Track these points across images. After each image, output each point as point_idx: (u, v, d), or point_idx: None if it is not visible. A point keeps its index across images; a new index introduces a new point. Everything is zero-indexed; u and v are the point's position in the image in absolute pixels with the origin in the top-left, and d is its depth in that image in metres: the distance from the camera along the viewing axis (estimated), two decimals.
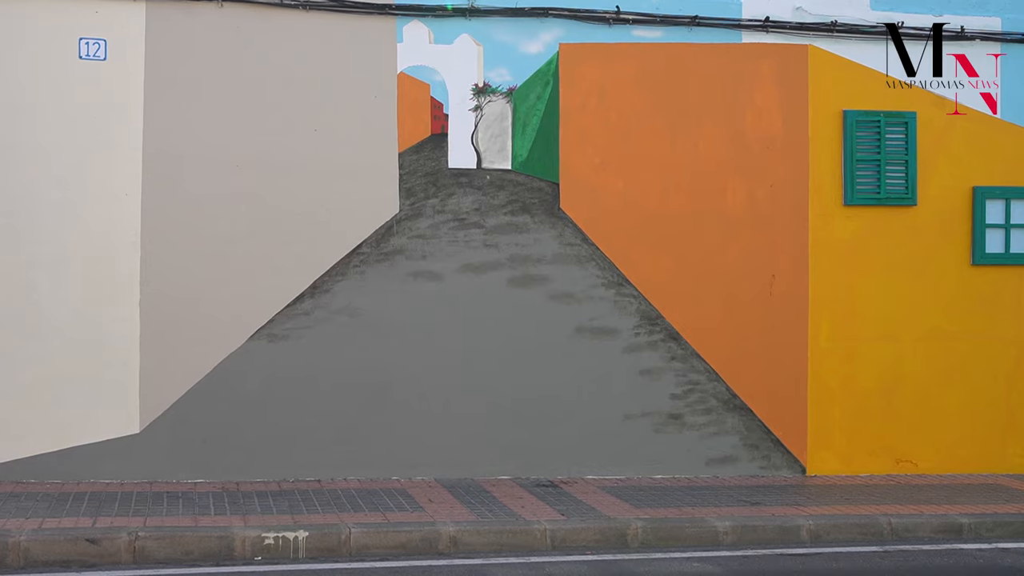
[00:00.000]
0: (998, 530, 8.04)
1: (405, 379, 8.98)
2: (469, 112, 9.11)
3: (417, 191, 9.05)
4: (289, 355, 8.81)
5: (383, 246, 8.99)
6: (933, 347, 9.83)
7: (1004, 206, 9.88)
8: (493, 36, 9.13)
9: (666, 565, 7.10)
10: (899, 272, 9.76)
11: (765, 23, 9.47)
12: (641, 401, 9.34)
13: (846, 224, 9.67)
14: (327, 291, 8.90)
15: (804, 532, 7.80)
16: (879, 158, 9.65)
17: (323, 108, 8.87)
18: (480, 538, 7.34)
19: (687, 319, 9.42)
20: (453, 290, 9.07)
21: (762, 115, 9.52)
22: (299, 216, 8.83)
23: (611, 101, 9.31)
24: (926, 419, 9.83)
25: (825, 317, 9.65)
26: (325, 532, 7.12)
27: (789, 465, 9.60)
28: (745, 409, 9.51)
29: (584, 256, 9.27)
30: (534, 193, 9.22)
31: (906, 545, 7.72)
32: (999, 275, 9.90)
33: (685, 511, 8.05)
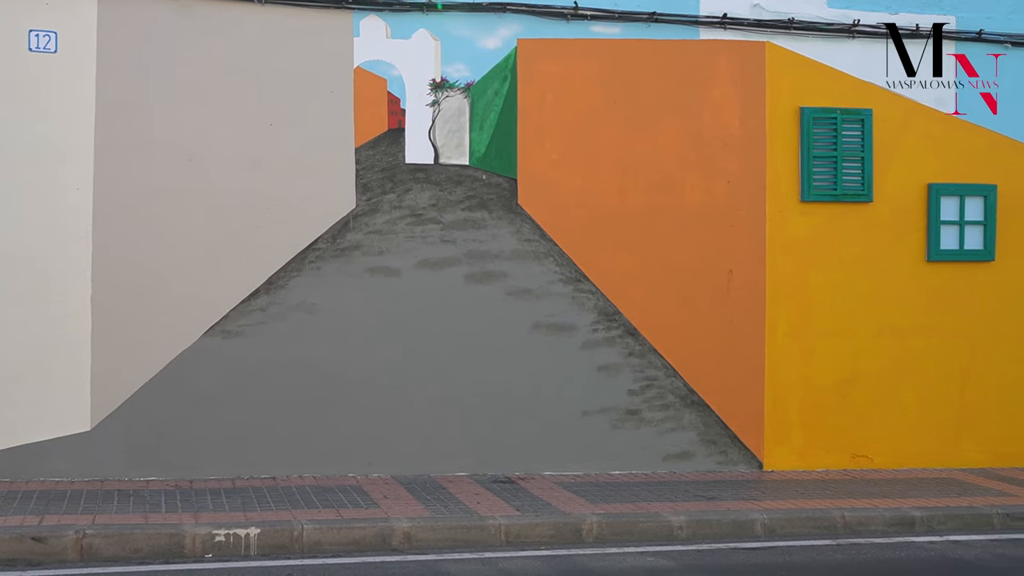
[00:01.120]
0: (949, 523, 8.11)
1: (362, 375, 8.93)
2: (426, 107, 9.08)
3: (374, 186, 9.00)
4: (244, 351, 8.73)
5: (339, 242, 8.93)
6: (889, 343, 9.90)
7: (958, 203, 9.96)
8: (451, 31, 9.09)
9: (620, 560, 7.10)
10: (855, 268, 9.82)
11: (723, 20, 9.49)
12: (599, 397, 9.34)
13: (803, 220, 9.72)
14: (282, 287, 8.83)
15: (758, 526, 7.83)
16: (835, 155, 9.71)
17: (279, 102, 8.80)
18: (434, 534, 7.31)
19: (645, 315, 9.42)
20: (410, 286, 9.02)
21: (720, 112, 9.55)
22: (254, 211, 8.76)
23: (569, 97, 9.30)
24: (882, 414, 9.90)
25: (782, 313, 9.69)
26: (277, 529, 7.06)
27: (746, 460, 9.63)
28: (702, 405, 9.54)
29: (542, 252, 9.26)
30: (492, 189, 9.20)
31: (859, 538, 7.77)
32: (953, 271, 9.98)
33: (641, 506, 8.05)
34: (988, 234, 9.99)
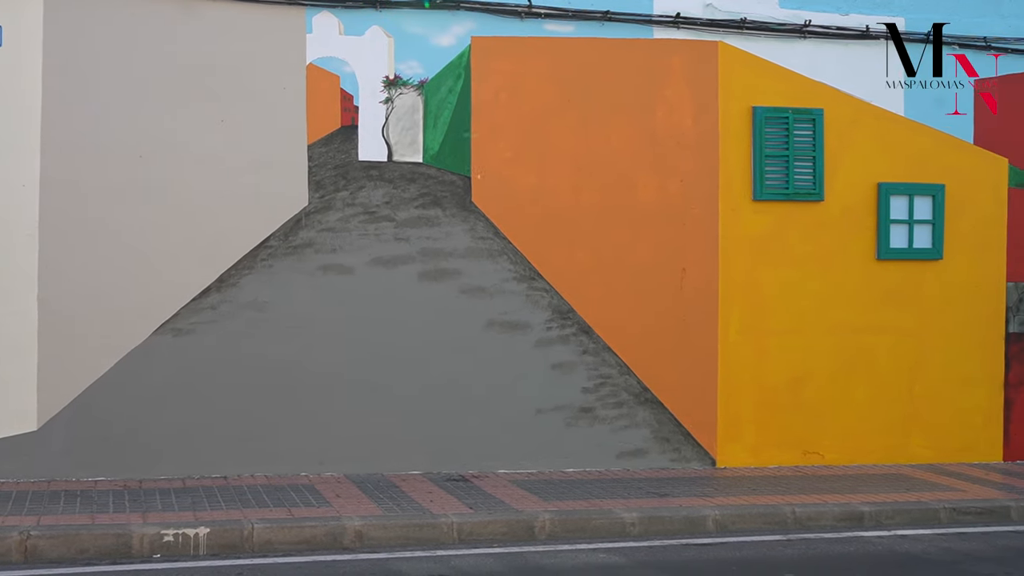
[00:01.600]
0: (897, 517, 8.21)
1: (314, 374, 8.88)
2: (380, 104, 9.04)
3: (327, 184, 8.95)
4: (194, 350, 8.65)
5: (292, 239, 8.87)
6: (840, 341, 10.00)
7: (908, 202, 10.08)
8: (404, 28, 9.06)
9: (572, 557, 7.11)
10: (807, 266, 9.91)
11: (676, 19, 9.54)
12: (553, 395, 9.35)
13: (755, 219, 9.79)
14: (234, 285, 8.75)
15: (710, 522, 7.88)
16: (787, 154, 9.79)
17: (230, 99, 8.72)
18: (386, 532, 7.28)
19: (599, 313, 9.45)
20: (363, 284, 8.98)
21: (673, 110, 9.60)
22: (205, 208, 8.67)
23: (523, 95, 9.30)
24: (833, 411, 9.99)
25: (735, 311, 9.76)
26: (227, 528, 7.00)
27: (699, 457, 9.69)
28: (656, 402, 9.58)
29: (496, 250, 9.25)
30: (445, 187, 9.18)
31: (809, 533, 7.84)
32: (903, 270, 10.10)
33: (594, 503, 8.07)
34: (936, 233, 10.12)
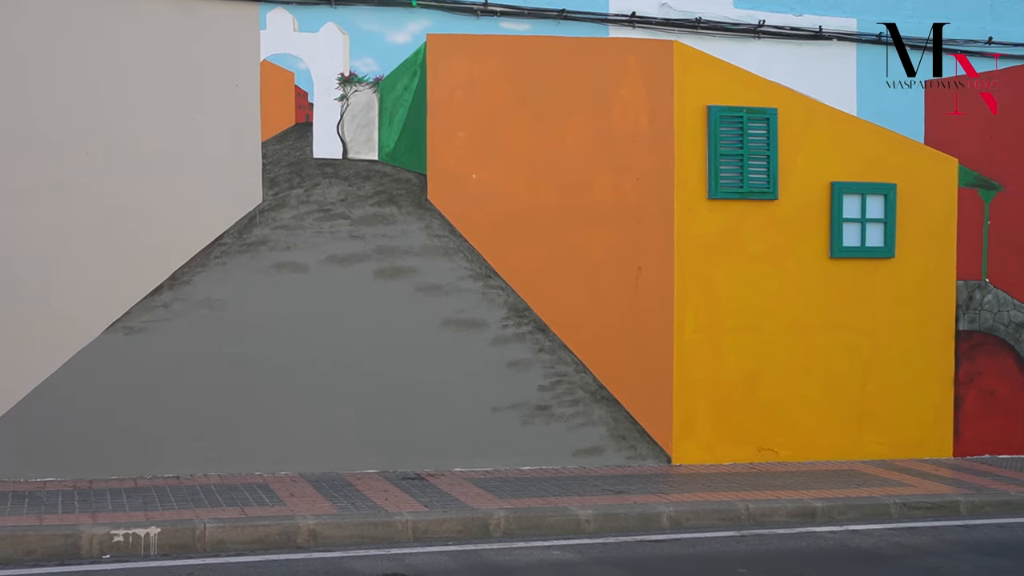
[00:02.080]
0: (849, 513, 8.29)
1: (268, 372, 8.81)
2: (335, 101, 8.99)
3: (281, 181, 8.89)
4: (146, 348, 8.56)
5: (246, 237, 8.80)
6: (794, 338, 10.08)
7: (860, 201, 10.19)
8: (359, 25, 9.02)
9: (527, 554, 7.11)
10: (761, 265, 9.99)
11: (631, 18, 9.58)
12: (509, 393, 9.35)
13: (710, 217, 9.85)
14: (187, 283, 8.67)
15: (665, 519, 7.92)
16: (742, 153, 9.86)
17: (183, 95, 8.64)
18: (340, 531, 7.24)
19: (555, 311, 9.46)
20: (318, 282, 8.93)
21: (629, 109, 9.63)
22: (157, 206, 8.59)
23: (479, 93, 9.30)
24: (787, 409, 10.08)
25: (690, 309, 9.81)
26: (178, 528, 6.94)
27: (655, 455, 9.73)
28: (612, 400, 9.61)
29: (452, 248, 9.24)
30: (401, 184, 9.15)
31: (762, 529, 7.90)
32: (856, 268, 10.21)
33: (549, 501, 8.08)
34: (888, 232, 10.24)
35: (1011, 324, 10.61)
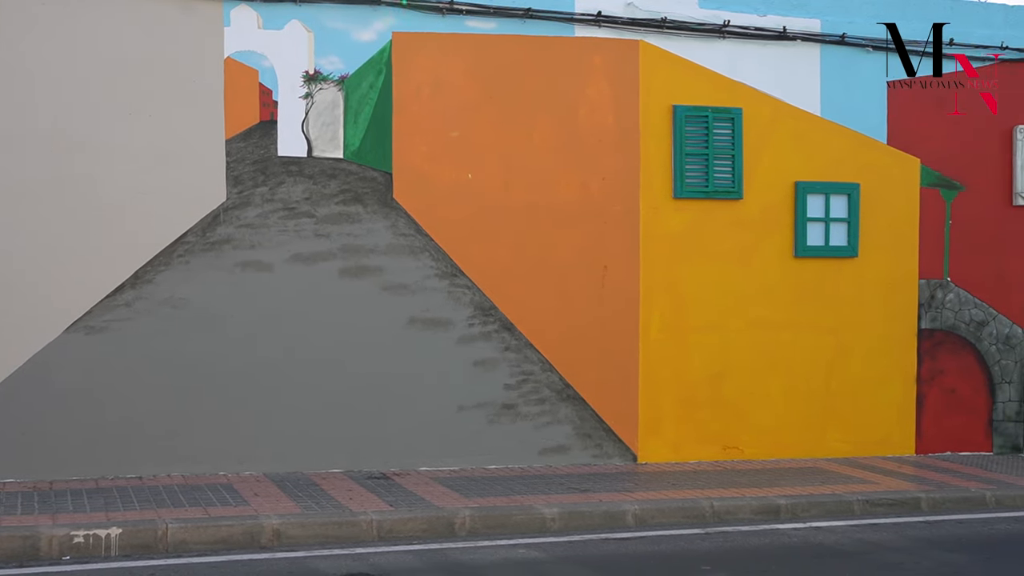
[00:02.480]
0: (813, 510, 8.35)
1: (233, 372, 8.75)
2: (300, 99, 8.95)
3: (245, 179, 8.83)
4: (109, 348, 8.48)
5: (209, 235, 8.74)
6: (758, 337, 10.14)
7: (824, 201, 10.26)
8: (324, 23, 8.98)
9: (492, 552, 7.11)
10: (726, 264, 10.04)
11: (597, 18, 9.60)
12: (475, 392, 9.34)
13: (676, 216, 9.89)
14: (149, 281, 8.60)
15: (630, 517, 7.94)
16: (707, 152, 9.91)
17: (145, 92, 8.56)
18: (304, 531, 7.21)
19: (521, 310, 9.46)
20: (283, 280, 8.89)
21: (595, 109, 9.65)
22: (119, 203, 8.51)
23: (445, 91, 9.28)
24: (752, 407, 10.14)
25: (656, 308, 9.84)
26: (140, 528, 6.88)
27: (621, 453, 9.76)
28: (578, 399, 9.62)
29: (418, 247, 9.22)
30: (367, 183, 9.12)
31: (726, 527, 7.94)
32: (819, 267, 10.28)
33: (514, 499, 8.08)
34: (852, 231, 10.32)
35: (972, 323, 10.72)
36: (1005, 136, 10.73)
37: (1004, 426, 10.86)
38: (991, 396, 10.82)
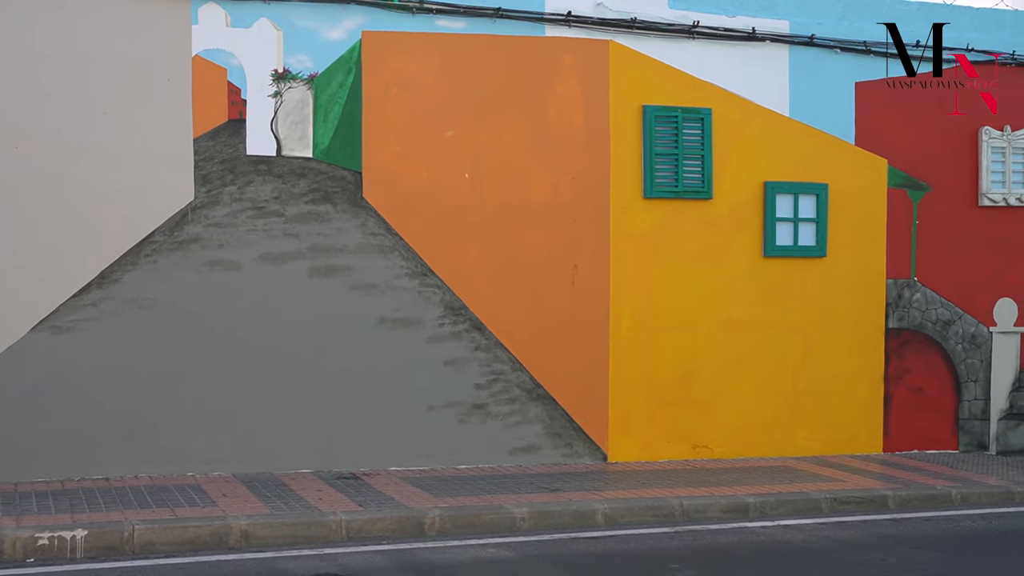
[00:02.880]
0: (781, 508, 8.40)
1: (201, 372, 8.70)
2: (268, 98, 8.90)
3: (213, 178, 8.78)
4: (75, 348, 8.41)
5: (177, 234, 8.68)
6: (728, 336, 10.19)
7: (793, 201, 10.32)
8: (293, 21, 8.94)
9: (462, 552, 7.10)
10: (696, 263, 10.08)
11: (567, 18, 9.61)
12: (445, 392, 9.33)
13: (646, 216, 9.92)
14: (116, 281, 8.53)
15: (599, 516, 7.95)
16: (677, 152, 9.94)
17: (113, 90, 8.50)
18: (273, 531, 7.17)
19: (491, 309, 9.46)
20: (252, 280, 8.84)
21: (565, 108, 9.66)
22: (86, 202, 8.44)
23: (415, 90, 9.26)
24: (721, 406, 10.18)
25: (626, 307, 9.87)
26: (106, 530, 6.82)
27: (591, 452, 9.77)
28: (548, 398, 9.63)
29: (387, 246, 9.20)
30: (336, 182, 9.09)
31: (695, 525, 7.97)
32: (788, 266, 10.34)
33: (484, 499, 8.08)
34: (820, 231, 10.39)
35: (938, 322, 10.82)
36: (971, 137, 10.84)
37: (970, 424, 10.97)
38: (957, 395, 10.92)
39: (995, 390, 10.99)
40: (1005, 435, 11.02)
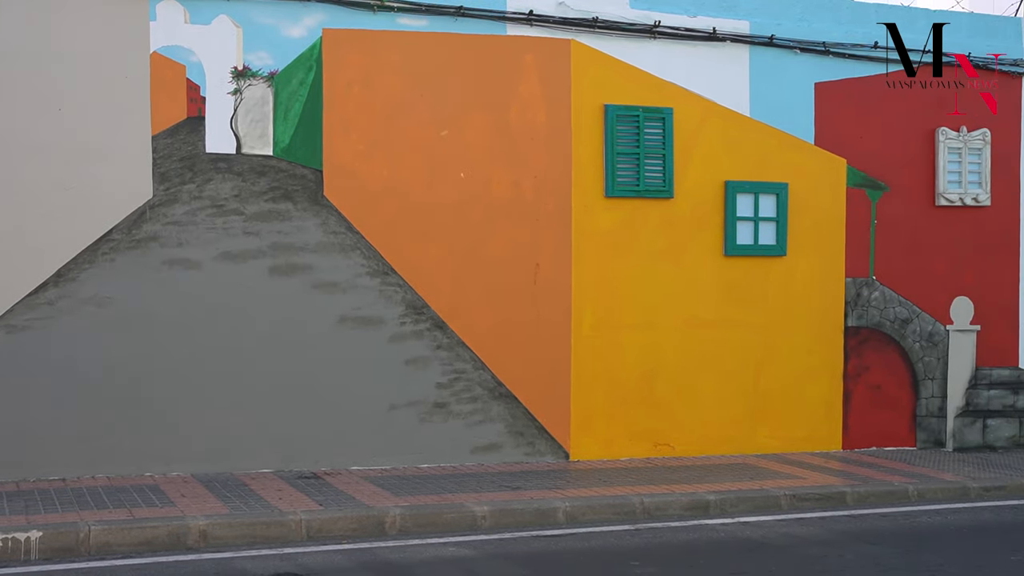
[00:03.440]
0: (741, 505, 8.45)
1: (160, 371, 8.62)
2: (228, 95, 8.84)
3: (172, 176, 8.71)
4: (31, 347, 8.31)
5: (135, 232, 8.60)
6: (689, 335, 10.24)
7: (753, 200, 10.39)
8: (253, 18, 8.88)
9: (422, 551, 7.09)
10: (658, 262, 10.12)
11: (529, 16, 9.62)
12: (407, 391, 9.31)
13: (607, 215, 9.95)
14: (73, 279, 8.43)
15: (561, 514, 7.96)
16: (638, 152, 9.98)
17: (70, 86, 8.41)
18: (232, 531, 7.12)
19: (453, 308, 9.45)
20: (211, 279, 8.77)
21: (526, 107, 9.67)
22: (42, 200, 8.34)
23: (376, 88, 9.23)
24: (683, 404, 10.23)
25: (588, 306, 9.89)
26: (61, 531, 6.75)
27: (553, 451, 9.79)
28: (510, 397, 9.63)
29: (348, 244, 9.16)
30: (296, 180, 9.04)
31: (656, 523, 8.00)
32: (749, 265, 10.41)
33: (445, 498, 8.07)
34: (780, 230, 10.46)
35: (896, 320, 10.94)
36: (928, 138, 10.96)
37: (927, 421, 11.09)
38: (915, 392, 11.05)
39: (952, 388, 11.13)
40: (961, 432, 11.16)
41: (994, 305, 11.23)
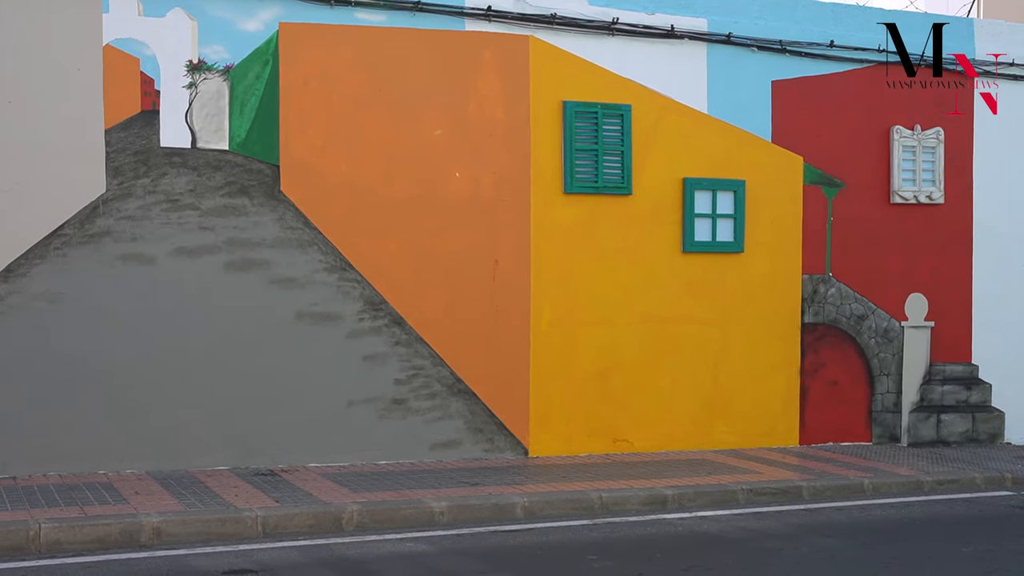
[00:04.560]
0: (699, 500, 8.49)
1: (113, 368, 8.51)
2: (183, 89, 8.74)
3: (126, 170, 8.59)
4: None
5: (88, 227, 8.48)
6: (647, 331, 10.27)
7: (711, 197, 10.44)
8: (208, 11, 8.79)
9: (379, 547, 7.05)
10: (616, 259, 10.14)
11: (488, 12, 9.60)
12: (365, 387, 9.25)
13: (566, 212, 9.95)
14: (24, 275, 8.30)
15: (519, 509, 7.95)
16: (596, 148, 9.99)
17: (18, 79, 8.27)
18: (186, 528, 7.04)
19: (411, 304, 9.41)
20: (166, 274, 8.67)
21: (485, 103, 9.65)
22: None
23: (333, 83, 9.17)
24: (641, 400, 10.26)
25: (547, 302, 9.89)
26: (10, 529, 6.64)
27: (512, 447, 9.77)
28: (469, 393, 9.61)
29: (306, 240, 9.09)
30: (253, 175, 8.96)
31: (614, 517, 8.01)
32: (707, 262, 10.46)
33: (403, 494, 8.03)
34: (738, 227, 10.52)
35: (852, 316, 11.04)
36: (883, 136, 11.08)
37: (883, 417, 11.20)
38: (870, 388, 11.15)
39: (906, 383, 11.25)
40: (916, 427, 11.28)
41: (948, 302, 11.37)
